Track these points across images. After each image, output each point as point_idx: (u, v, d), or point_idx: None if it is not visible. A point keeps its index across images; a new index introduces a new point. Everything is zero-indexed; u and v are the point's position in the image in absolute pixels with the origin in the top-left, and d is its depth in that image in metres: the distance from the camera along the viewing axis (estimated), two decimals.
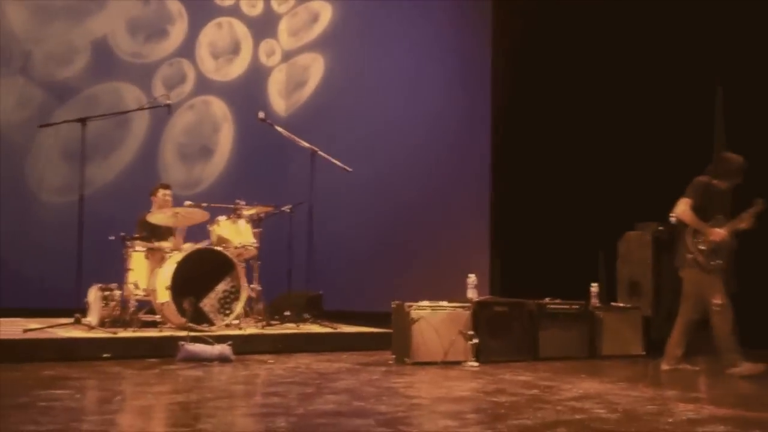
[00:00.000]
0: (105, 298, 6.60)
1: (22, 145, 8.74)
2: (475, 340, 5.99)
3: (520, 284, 7.77)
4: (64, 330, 6.37)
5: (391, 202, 9.00)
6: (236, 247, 6.97)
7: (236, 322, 6.76)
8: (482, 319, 6.16)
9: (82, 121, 6.86)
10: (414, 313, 6.01)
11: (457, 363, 5.95)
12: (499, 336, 6.19)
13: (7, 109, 8.73)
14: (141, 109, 8.05)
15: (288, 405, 4.37)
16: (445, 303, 6.12)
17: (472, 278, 6.37)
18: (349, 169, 7.54)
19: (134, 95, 9.27)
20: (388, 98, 9.38)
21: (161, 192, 7.39)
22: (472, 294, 6.31)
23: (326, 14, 9.96)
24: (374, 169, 8.82)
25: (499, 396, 4.68)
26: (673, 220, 5.76)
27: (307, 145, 7.57)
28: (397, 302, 6.19)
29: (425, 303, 6.09)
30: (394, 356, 6.16)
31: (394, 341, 6.22)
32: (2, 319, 7.00)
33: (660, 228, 7.04)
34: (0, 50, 8.74)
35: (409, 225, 8.91)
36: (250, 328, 6.86)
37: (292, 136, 7.64)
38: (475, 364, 5.91)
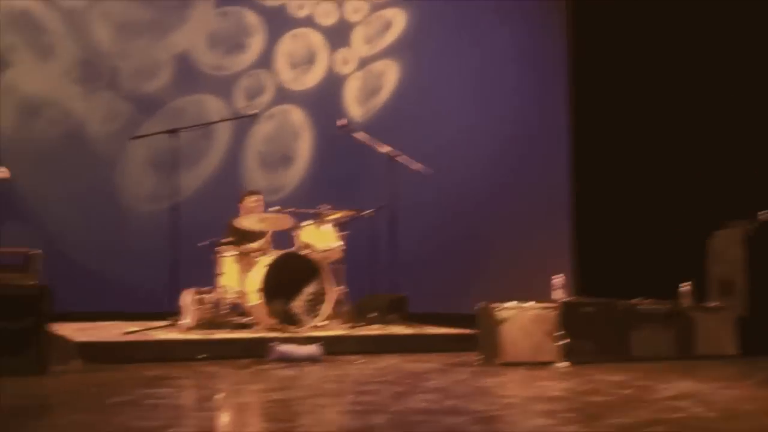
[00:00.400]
0: (198, 302, 6.82)
1: (112, 157, 9.08)
2: (565, 341, 5.96)
3: (603, 284, 7.69)
4: (161, 332, 6.61)
5: (471, 204, 9.03)
6: (321, 251, 7.11)
7: (324, 323, 6.90)
8: (571, 319, 6.12)
9: (173, 132, 7.11)
10: (501, 314, 6.02)
11: (547, 364, 5.93)
12: (588, 336, 6.14)
13: (97, 122, 9.10)
14: (229, 119, 8.28)
15: (383, 403, 4.45)
16: (532, 303, 6.11)
17: (559, 279, 6.34)
18: (430, 171, 7.60)
19: (216, 106, 9.54)
20: (464, 101, 9.42)
21: (248, 199, 7.60)
22: (559, 294, 6.28)
23: (400, 21, 10.07)
24: (453, 172, 8.86)
25: (594, 396, 4.66)
26: (765, 217, 5.62)
27: (386, 149, 7.67)
28: (482, 303, 6.21)
29: (512, 304, 6.10)
30: (481, 357, 6.18)
31: (481, 342, 6.24)
32: (101, 323, 7.31)
33: (752, 225, 6.86)
34: (89, 67, 9.13)
35: (489, 226, 8.92)
36: (338, 330, 6.99)
37: (371, 142, 7.75)
38: (566, 364, 5.88)
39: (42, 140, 8.77)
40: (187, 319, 6.81)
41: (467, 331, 7.06)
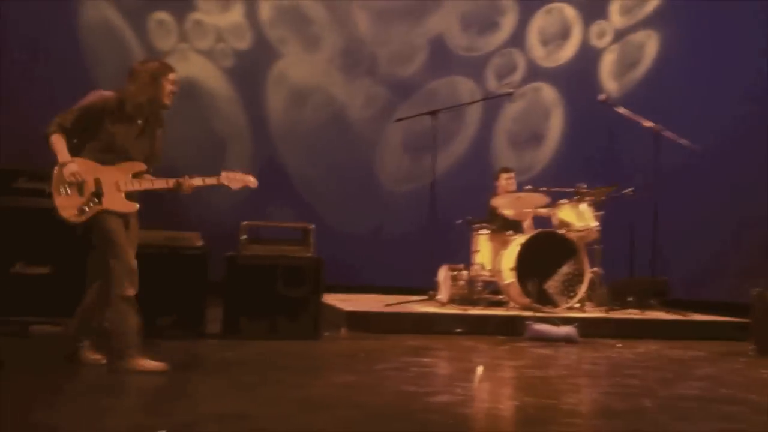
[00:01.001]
0: (454, 278, 7.01)
1: (371, 140, 9.56)
2: None
3: None
4: (419, 305, 6.88)
5: (741, 183, 8.30)
6: (578, 230, 6.96)
7: (578, 305, 6.78)
8: None
9: (433, 113, 7.33)
10: None
11: None
12: None
13: (357, 107, 9.62)
14: (485, 99, 8.38)
15: (649, 387, 4.30)
16: None
17: None
18: (697, 148, 7.14)
19: (468, 87, 9.67)
20: (730, 70, 8.66)
21: (503, 176, 7.66)
22: None
23: None
24: (720, 149, 8.19)
25: None
26: None
27: (650, 124, 7.32)
28: (758, 289, 5.75)
29: None
30: (754, 346, 5.72)
31: (755, 330, 5.78)
32: (362, 295, 7.76)
33: None
34: (349, 55, 9.65)
35: (761, 208, 8.16)
36: (594, 312, 6.83)
37: (635, 117, 7.43)
38: None
39: (308, 124, 9.45)
40: (442, 294, 7.02)
41: (736, 319, 6.60)
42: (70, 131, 4.18)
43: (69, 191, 4.09)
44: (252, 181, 4.50)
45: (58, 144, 4.13)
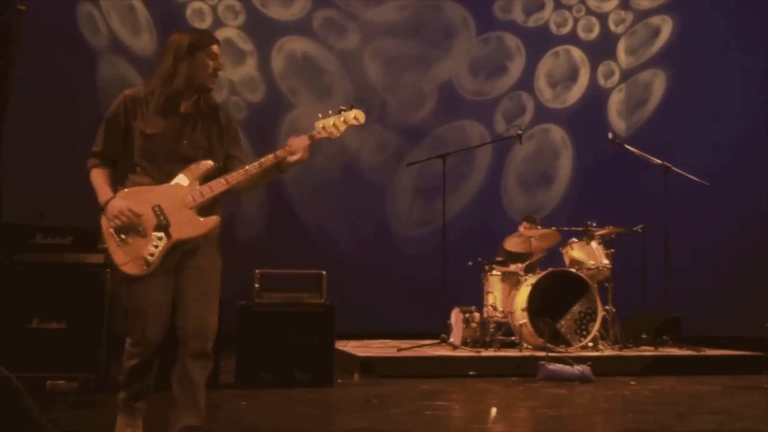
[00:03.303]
0: (466, 320, 7.03)
1: (383, 185, 9.67)
2: None
3: None
4: (432, 349, 6.90)
5: (753, 218, 8.32)
6: (589, 269, 7.00)
7: (592, 344, 6.77)
8: None
9: (443, 157, 7.45)
10: None
11: None
12: None
13: (369, 153, 9.75)
14: (494, 141, 8.50)
15: (664, 423, 4.30)
16: None
17: None
18: (706, 184, 7.21)
19: (478, 131, 9.81)
20: (739, 108, 8.76)
21: (524, 224, 7.70)
22: None
23: (667, 28, 9.67)
24: (730, 183, 8.26)
25: None
26: None
27: (659, 161, 7.40)
28: None
29: None
30: None
31: None
32: (375, 341, 7.79)
33: None
34: (361, 102, 9.80)
35: None
36: (608, 350, 6.82)
37: (644, 154, 7.52)
38: None
39: (321, 172, 9.58)
40: (455, 337, 7.04)
41: (750, 353, 6.58)
42: (108, 156, 3.24)
43: (125, 238, 3.13)
44: (359, 114, 3.40)
45: (96, 180, 3.21)
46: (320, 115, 3.41)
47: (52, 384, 5.13)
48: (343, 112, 3.41)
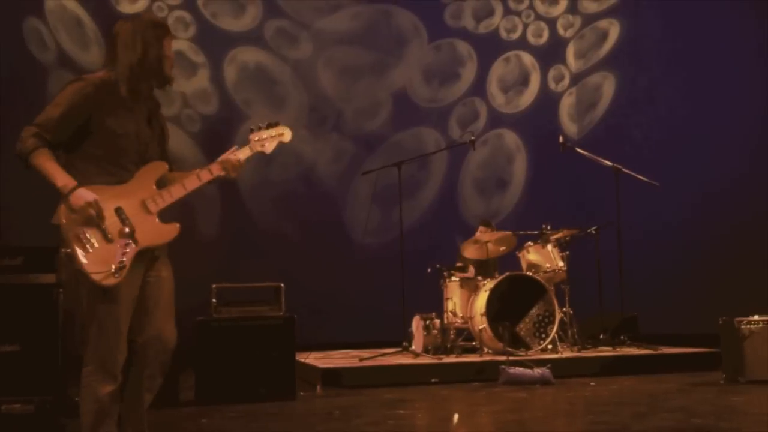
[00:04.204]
0: (426, 327, 7.05)
1: (341, 194, 9.65)
2: None
3: None
4: (393, 357, 6.90)
5: (702, 216, 8.52)
6: (546, 272, 7.08)
7: (551, 346, 6.84)
8: None
9: (398, 165, 7.47)
10: (745, 329, 5.66)
11: None
12: None
13: (326, 162, 9.72)
14: (447, 148, 8.56)
15: (623, 423, 4.36)
16: None
17: None
18: (657, 184, 7.35)
19: (433, 137, 9.84)
20: (686, 109, 8.96)
21: (480, 228, 7.77)
22: None
23: (614, 31, 9.84)
24: (680, 184, 8.44)
25: None
26: None
27: (609, 163, 7.52)
28: (724, 318, 5.86)
29: (756, 317, 5.70)
30: (724, 375, 5.82)
31: (724, 359, 5.88)
32: (337, 351, 7.76)
33: None
34: (316, 112, 9.79)
35: (723, 240, 8.36)
36: (567, 352, 6.90)
37: (595, 157, 7.64)
38: None
39: (277, 183, 9.51)
40: (416, 345, 7.05)
41: (706, 350, 6.71)
42: (52, 143, 2.87)
43: (93, 241, 2.79)
44: (286, 131, 3.33)
45: (48, 163, 2.82)
46: (252, 128, 3.30)
47: (7, 408, 5.01)
48: (272, 127, 3.31)
